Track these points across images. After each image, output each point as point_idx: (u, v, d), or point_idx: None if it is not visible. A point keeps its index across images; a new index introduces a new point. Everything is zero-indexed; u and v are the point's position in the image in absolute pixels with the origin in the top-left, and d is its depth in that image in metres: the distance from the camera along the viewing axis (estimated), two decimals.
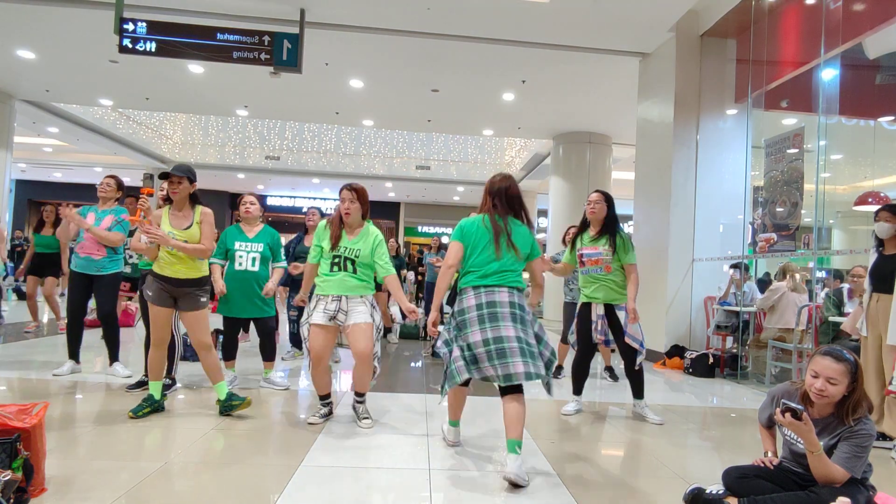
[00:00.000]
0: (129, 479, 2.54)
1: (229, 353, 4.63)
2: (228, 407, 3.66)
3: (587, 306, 4.18)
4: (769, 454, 2.53)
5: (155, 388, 3.68)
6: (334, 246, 3.61)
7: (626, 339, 4.03)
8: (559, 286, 11.97)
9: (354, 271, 3.60)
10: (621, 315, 4.06)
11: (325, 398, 3.74)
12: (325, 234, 3.69)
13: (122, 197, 4.81)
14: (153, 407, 3.62)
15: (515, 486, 2.66)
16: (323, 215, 5.80)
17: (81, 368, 4.81)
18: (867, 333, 3.93)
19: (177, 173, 3.63)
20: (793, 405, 2.21)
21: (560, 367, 5.82)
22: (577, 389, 4.33)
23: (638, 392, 4.23)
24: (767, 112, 6.88)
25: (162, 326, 3.67)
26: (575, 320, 4.27)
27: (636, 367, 4.12)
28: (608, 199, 4.14)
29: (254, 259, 4.55)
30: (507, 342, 2.83)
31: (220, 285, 4.37)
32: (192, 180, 3.70)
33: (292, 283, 5.95)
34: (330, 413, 3.78)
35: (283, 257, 4.80)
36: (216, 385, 3.71)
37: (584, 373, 4.32)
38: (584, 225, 4.26)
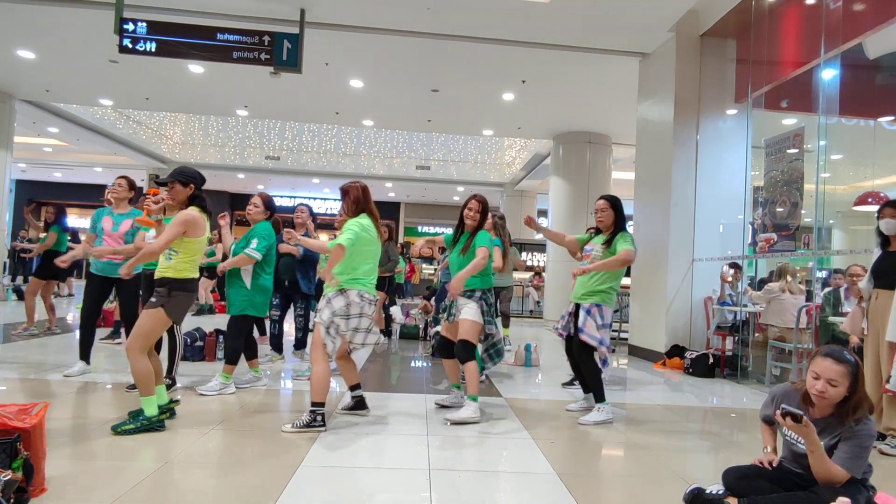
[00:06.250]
0: (129, 479, 2.54)
1: (247, 353, 4.61)
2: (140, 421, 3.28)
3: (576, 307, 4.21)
4: (768, 449, 2.53)
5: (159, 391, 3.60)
6: None
7: (582, 337, 3.99)
8: (563, 287, 12.00)
9: None
10: (582, 314, 4.04)
11: (352, 388, 3.86)
12: None
13: (135, 196, 4.77)
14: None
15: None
16: (312, 214, 5.75)
17: (91, 369, 4.80)
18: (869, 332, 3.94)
19: (167, 179, 3.55)
20: (792, 410, 2.21)
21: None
22: (587, 387, 4.33)
23: (589, 389, 4.21)
24: (767, 112, 6.87)
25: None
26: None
27: (596, 365, 4.03)
28: (614, 205, 4.16)
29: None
30: None
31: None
32: (184, 183, 3.52)
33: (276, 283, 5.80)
34: (357, 407, 3.86)
35: (252, 246, 4.39)
36: (142, 398, 3.28)
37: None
38: (598, 230, 4.30)
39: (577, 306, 4.12)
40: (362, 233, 3.57)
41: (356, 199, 3.70)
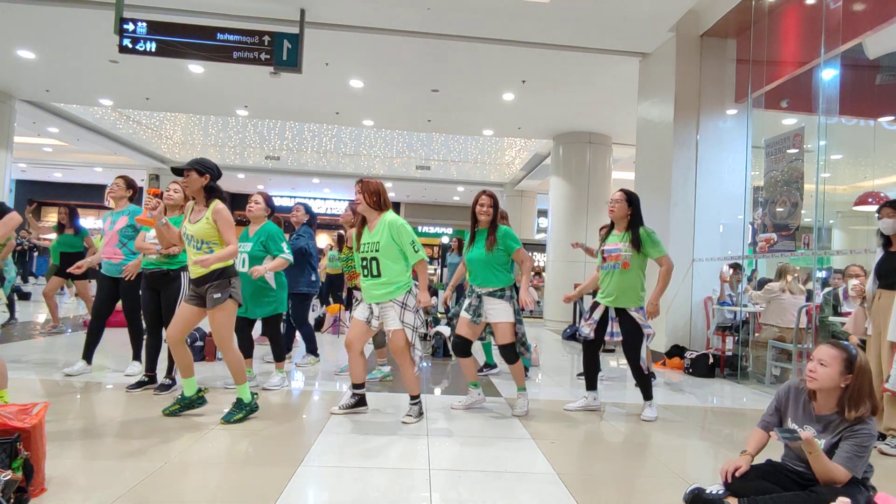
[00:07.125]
0: (129, 479, 2.54)
1: (243, 353, 4.59)
2: (240, 410, 3.62)
3: (605, 308, 4.19)
4: (747, 451, 2.51)
5: (188, 385, 3.65)
6: (359, 245, 3.75)
7: (644, 330, 4.05)
8: (563, 286, 11.98)
9: (379, 274, 3.64)
10: (635, 316, 4.07)
11: (357, 387, 3.88)
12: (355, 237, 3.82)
13: (134, 195, 4.81)
14: (182, 404, 3.63)
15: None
16: (308, 212, 5.78)
17: (91, 370, 4.80)
18: (872, 332, 3.94)
19: (185, 166, 3.59)
20: (786, 433, 2.29)
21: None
22: (591, 384, 4.34)
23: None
24: (767, 112, 6.87)
25: (180, 321, 3.58)
26: (587, 315, 4.27)
27: (640, 355, 4.10)
28: (629, 198, 4.17)
29: (244, 260, 4.57)
30: None
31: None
32: (201, 172, 3.56)
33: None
34: (357, 405, 3.88)
35: (285, 249, 4.56)
36: (238, 386, 3.64)
37: (595, 367, 4.33)
38: (612, 225, 4.31)
39: (609, 308, 4.15)
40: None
41: (376, 190, 3.74)
